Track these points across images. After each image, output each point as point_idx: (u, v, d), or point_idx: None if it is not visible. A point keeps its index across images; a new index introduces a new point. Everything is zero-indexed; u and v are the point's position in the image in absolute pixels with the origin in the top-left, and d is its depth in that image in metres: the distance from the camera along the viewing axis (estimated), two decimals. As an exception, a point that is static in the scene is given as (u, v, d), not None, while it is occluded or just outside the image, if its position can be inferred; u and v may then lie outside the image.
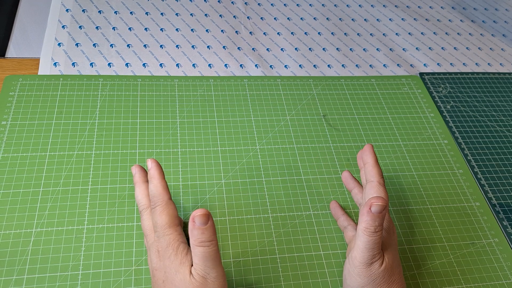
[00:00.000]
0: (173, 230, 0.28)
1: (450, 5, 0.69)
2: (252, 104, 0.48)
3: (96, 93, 0.45)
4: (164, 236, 0.28)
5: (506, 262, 0.39)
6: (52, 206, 0.37)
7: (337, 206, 0.39)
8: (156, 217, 0.28)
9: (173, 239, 0.28)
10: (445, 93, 0.54)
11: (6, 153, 0.39)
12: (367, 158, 0.33)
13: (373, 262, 0.29)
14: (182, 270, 0.27)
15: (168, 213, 0.28)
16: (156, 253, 0.28)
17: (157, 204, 0.29)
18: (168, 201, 0.29)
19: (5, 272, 0.33)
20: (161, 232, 0.28)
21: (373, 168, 0.33)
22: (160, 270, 0.28)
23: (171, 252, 0.27)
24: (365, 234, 0.29)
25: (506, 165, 0.47)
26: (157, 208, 0.29)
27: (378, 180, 0.32)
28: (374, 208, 0.28)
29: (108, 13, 0.54)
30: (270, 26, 0.58)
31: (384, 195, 0.31)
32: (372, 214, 0.29)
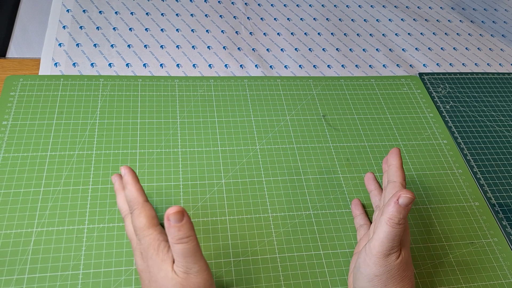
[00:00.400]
0: (152, 230, 0.28)
1: (450, 5, 0.69)
2: (252, 104, 0.48)
3: (97, 93, 0.45)
4: (144, 238, 0.28)
5: (505, 261, 0.39)
6: (53, 206, 0.37)
7: (358, 203, 0.40)
8: (135, 220, 0.29)
9: (153, 239, 0.28)
10: (444, 93, 0.54)
11: (7, 153, 0.39)
12: (393, 160, 0.34)
13: (391, 254, 0.30)
14: (164, 268, 0.27)
15: (145, 214, 0.29)
16: (139, 256, 0.29)
17: (134, 208, 0.29)
18: (143, 203, 0.29)
19: (6, 271, 0.33)
20: (141, 234, 0.28)
21: (398, 170, 0.33)
22: (145, 271, 0.28)
23: (152, 252, 0.28)
24: (388, 224, 0.29)
25: (505, 165, 0.47)
26: (135, 212, 0.29)
27: (401, 182, 0.32)
28: (402, 200, 0.29)
29: (109, 14, 0.54)
30: (270, 27, 0.59)
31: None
32: (399, 205, 0.29)
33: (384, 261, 0.29)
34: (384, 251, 0.29)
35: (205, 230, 0.37)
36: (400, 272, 0.30)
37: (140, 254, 0.29)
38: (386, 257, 0.29)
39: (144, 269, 0.28)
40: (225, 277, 0.35)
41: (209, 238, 0.37)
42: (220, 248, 0.36)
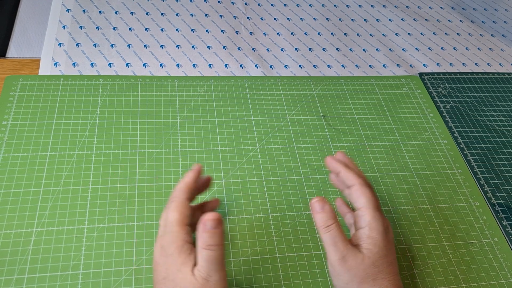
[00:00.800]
0: (181, 228, 0.28)
1: (450, 5, 0.69)
2: (252, 104, 0.48)
3: (97, 93, 0.45)
4: (171, 232, 0.28)
5: (505, 261, 0.39)
6: (52, 206, 0.37)
7: (343, 202, 0.39)
8: (169, 212, 0.29)
9: (179, 238, 0.28)
10: (444, 93, 0.54)
11: (7, 153, 0.39)
12: (336, 168, 0.34)
13: (345, 257, 0.29)
14: (184, 270, 0.27)
15: (180, 210, 0.29)
16: (159, 248, 0.28)
17: (173, 200, 0.29)
18: (184, 201, 0.29)
19: (6, 271, 0.33)
20: (169, 228, 0.28)
21: (347, 173, 0.33)
22: (161, 265, 0.28)
23: (174, 250, 0.27)
24: (321, 232, 0.30)
25: (505, 165, 0.47)
26: (172, 204, 0.29)
27: (359, 182, 0.32)
28: (316, 207, 0.30)
29: (109, 13, 0.54)
30: (270, 27, 0.59)
31: (369, 195, 0.31)
32: (317, 212, 0.30)
33: (344, 267, 0.29)
34: (335, 257, 0.29)
35: (205, 230, 0.37)
36: (368, 274, 0.29)
37: (160, 247, 0.28)
38: (343, 261, 0.29)
39: (161, 264, 0.28)
40: (225, 277, 0.35)
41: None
42: (220, 248, 0.36)
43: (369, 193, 0.32)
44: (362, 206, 0.31)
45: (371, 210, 0.31)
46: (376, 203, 0.31)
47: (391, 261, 0.31)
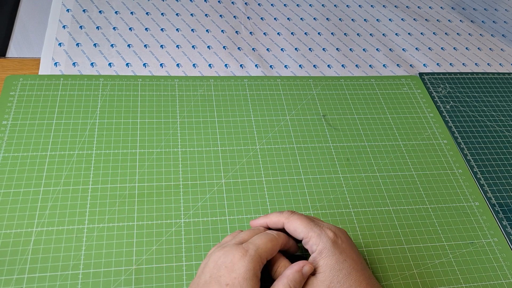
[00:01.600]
0: (266, 256, 0.29)
1: (450, 5, 0.69)
2: (252, 104, 0.48)
3: (97, 93, 0.45)
4: (257, 251, 0.29)
5: (505, 261, 0.39)
6: (52, 206, 0.37)
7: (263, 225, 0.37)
8: (263, 237, 0.30)
9: (260, 263, 0.28)
10: (444, 93, 0.54)
11: (6, 153, 0.39)
12: (259, 224, 0.34)
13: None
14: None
15: (274, 246, 0.30)
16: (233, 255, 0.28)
17: (273, 233, 0.30)
18: (279, 243, 0.31)
19: (6, 271, 0.33)
20: (256, 246, 0.29)
21: (268, 219, 0.33)
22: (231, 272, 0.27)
23: (251, 268, 0.28)
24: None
25: (505, 165, 0.47)
26: (271, 235, 0.30)
27: (283, 221, 0.32)
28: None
29: (109, 13, 0.54)
30: (270, 26, 0.59)
31: (297, 223, 0.31)
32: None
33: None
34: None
35: (205, 230, 0.37)
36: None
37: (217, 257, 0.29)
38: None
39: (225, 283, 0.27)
40: (225, 277, 0.35)
41: (209, 238, 0.37)
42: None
43: (294, 222, 0.31)
44: (301, 235, 0.31)
45: (305, 234, 0.31)
46: (307, 222, 0.31)
47: (348, 273, 0.29)
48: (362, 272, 0.30)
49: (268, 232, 0.31)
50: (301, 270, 0.29)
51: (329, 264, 0.29)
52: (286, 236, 0.32)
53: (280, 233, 0.31)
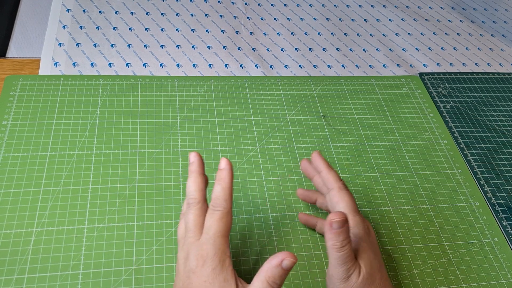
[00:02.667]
0: (225, 241, 0.28)
1: (450, 5, 0.69)
2: (252, 104, 0.48)
3: (97, 93, 0.45)
4: (214, 244, 0.27)
5: (505, 261, 0.39)
6: (52, 206, 0.37)
7: (307, 217, 0.38)
8: (213, 220, 0.28)
9: (223, 251, 0.27)
10: (444, 93, 0.54)
11: (6, 153, 0.39)
12: (320, 167, 0.33)
13: (350, 275, 0.29)
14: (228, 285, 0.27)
15: (226, 221, 0.28)
16: (197, 257, 0.27)
17: (219, 209, 0.28)
18: (230, 210, 0.29)
19: (6, 271, 0.33)
20: (212, 238, 0.27)
21: (328, 175, 0.33)
22: (199, 276, 0.27)
23: (218, 264, 0.27)
24: (333, 250, 0.29)
25: (505, 165, 0.47)
26: (218, 212, 0.28)
27: (338, 186, 0.32)
28: (335, 225, 0.28)
29: (109, 13, 0.54)
30: (270, 26, 0.59)
31: (347, 199, 0.31)
32: (335, 231, 0.28)
33: (347, 285, 0.29)
34: (342, 275, 0.29)
35: (205, 230, 0.37)
36: (366, 287, 0.29)
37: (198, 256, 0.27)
38: (347, 280, 0.29)
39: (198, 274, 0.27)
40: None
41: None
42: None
43: (347, 196, 0.31)
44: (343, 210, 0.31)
45: (351, 215, 0.31)
46: (354, 207, 0.31)
47: (379, 266, 0.30)
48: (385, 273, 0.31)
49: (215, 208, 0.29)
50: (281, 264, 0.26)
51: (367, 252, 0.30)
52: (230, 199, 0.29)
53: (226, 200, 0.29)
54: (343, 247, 0.28)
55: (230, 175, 0.29)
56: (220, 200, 0.29)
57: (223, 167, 0.30)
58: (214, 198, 0.29)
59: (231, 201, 0.29)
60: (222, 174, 0.29)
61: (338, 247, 0.28)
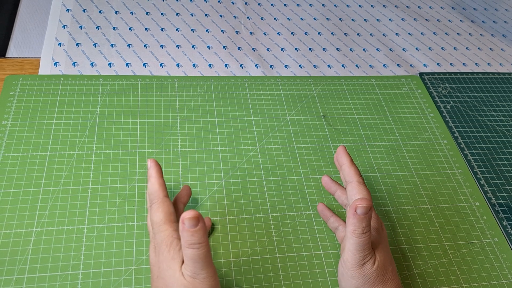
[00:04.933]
0: (168, 226, 0.28)
1: (450, 5, 0.69)
2: (252, 104, 0.48)
3: (97, 93, 0.45)
4: (159, 233, 0.28)
5: (506, 262, 0.39)
6: (52, 206, 0.37)
7: (324, 208, 0.39)
8: (153, 214, 0.29)
9: (167, 236, 0.28)
10: (444, 93, 0.54)
11: (6, 152, 0.39)
12: (342, 160, 0.34)
13: (365, 263, 0.29)
14: (173, 266, 0.27)
15: (163, 210, 0.29)
16: (153, 250, 0.29)
17: (153, 202, 0.30)
18: (163, 198, 0.30)
19: (6, 271, 0.33)
20: (156, 229, 0.29)
21: (350, 169, 0.33)
22: (155, 265, 0.29)
23: (164, 248, 0.28)
24: (354, 236, 0.29)
25: (505, 165, 0.47)
26: (153, 205, 0.30)
27: (357, 180, 0.32)
28: (360, 210, 0.29)
29: (109, 13, 0.54)
30: (270, 26, 0.59)
31: (365, 193, 0.32)
32: (359, 216, 0.29)
33: (361, 271, 0.29)
34: (358, 261, 0.29)
35: (205, 230, 0.37)
36: (379, 278, 0.30)
37: (153, 248, 0.29)
38: (362, 267, 0.29)
39: (154, 264, 0.29)
40: (225, 277, 0.35)
41: (209, 238, 0.37)
42: (220, 248, 0.36)
43: (365, 191, 0.32)
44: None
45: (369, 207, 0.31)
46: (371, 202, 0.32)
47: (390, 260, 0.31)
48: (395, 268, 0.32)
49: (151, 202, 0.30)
50: (183, 226, 0.26)
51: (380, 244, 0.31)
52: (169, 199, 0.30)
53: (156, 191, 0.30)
54: (364, 234, 0.29)
55: (156, 169, 0.31)
56: (152, 195, 0.30)
57: (148, 166, 0.32)
58: (148, 195, 0.31)
59: (163, 190, 0.30)
60: (149, 172, 0.32)
61: (359, 233, 0.29)
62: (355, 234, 0.29)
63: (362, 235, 0.29)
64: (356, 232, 0.29)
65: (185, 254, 0.26)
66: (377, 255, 0.30)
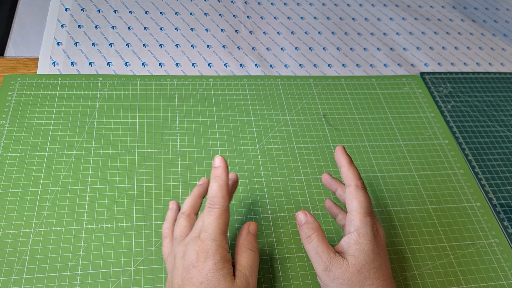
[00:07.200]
0: (223, 237, 0.28)
1: (451, 4, 0.68)
2: (252, 104, 0.47)
3: (95, 92, 0.45)
4: (214, 241, 0.28)
5: (507, 262, 0.39)
6: (51, 206, 0.36)
7: (332, 204, 0.38)
8: (212, 218, 0.28)
9: (222, 247, 0.28)
10: (445, 93, 0.54)
11: (4, 152, 0.39)
12: (341, 161, 0.33)
13: (328, 266, 0.29)
14: (226, 281, 0.27)
15: (225, 219, 0.29)
16: (198, 252, 0.28)
17: (217, 206, 0.29)
18: (227, 208, 0.29)
19: (4, 272, 0.33)
20: (211, 235, 0.28)
21: (348, 171, 0.32)
22: (201, 270, 0.27)
23: (219, 260, 0.28)
24: (304, 244, 0.31)
25: (506, 165, 0.47)
26: (216, 210, 0.28)
27: (355, 184, 0.31)
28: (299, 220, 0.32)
29: (107, 12, 0.54)
30: (270, 25, 0.58)
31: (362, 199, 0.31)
32: (300, 225, 0.32)
33: (329, 276, 0.29)
34: (319, 267, 0.30)
35: (204, 231, 0.37)
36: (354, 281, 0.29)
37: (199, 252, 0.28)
38: (328, 272, 0.29)
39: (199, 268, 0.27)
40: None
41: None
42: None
43: (362, 196, 0.31)
44: (353, 209, 0.31)
45: (361, 215, 0.30)
46: (368, 208, 0.31)
47: (379, 266, 0.30)
48: (389, 270, 0.31)
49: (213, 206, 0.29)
50: (249, 231, 0.31)
51: (364, 250, 0.30)
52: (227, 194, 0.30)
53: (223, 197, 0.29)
54: (309, 237, 0.31)
55: (226, 173, 0.30)
56: (218, 198, 0.29)
57: (217, 165, 0.30)
58: (211, 196, 0.29)
59: (228, 198, 0.29)
60: (217, 171, 0.30)
61: (305, 238, 0.31)
62: (303, 240, 0.31)
63: (308, 239, 0.31)
64: (302, 238, 0.31)
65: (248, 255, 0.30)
66: (350, 260, 0.29)
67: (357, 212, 0.31)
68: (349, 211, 0.31)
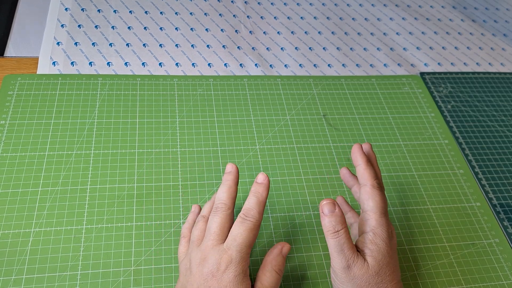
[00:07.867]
0: (248, 251, 0.28)
1: (451, 4, 0.68)
2: (252, 104, 0.47)
3: (95, 92, 0.45)
4: (240, 252, 0.28)
5: (507, 262, 0.39)
6: (51, 206, 0.36)
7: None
8: (244, 229, 0.28)
9: (245, 261, 0.28)
10: (445, 93, 0.54)
11: (4, 152, 0.39)
12: (357, 161, 0.32)
13: (350, 265, 0.28)
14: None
15: (255, 234, 0.29)
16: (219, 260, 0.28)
17: (251, 220, 0.29)
18: (259, 225, 0.29)
19: (4, 272, 0.33)
20: (239, 246, 0.28)
21: (364, 171, 0.31)
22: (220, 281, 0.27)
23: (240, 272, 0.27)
24: (328, 237, 0.29)
25: (506, 165, 0.47)
26: (249, 223, 0.28)
27: (371, 184, 0.31)
28: (325, 210, 0.29)
29: (107, 12, 0.54)
30: (270, 25, 0.58)
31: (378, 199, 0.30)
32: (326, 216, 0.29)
33: (348, 275, 0.28)
34: (341, 265, 0.28)
35: (204, 231, 0.37)
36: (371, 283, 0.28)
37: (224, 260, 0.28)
38: (348, 270, 0.28)
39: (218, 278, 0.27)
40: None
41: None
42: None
43: (378, 196, 0.30)
44: (369, 209, 0.30)
45: (377, 215, 0.30)
46: (384, 208, 0.31)
47: (393, 269, 0.30)
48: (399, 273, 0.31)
49: (247, 218, 0.29)
50: (281, 252, 0.30)
51: (381, 251, 0.29)
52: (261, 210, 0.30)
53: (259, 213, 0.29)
54: (337, 232, 0.28)
55: (267, 190, 0.30)
56: (254, 212, 0.29)
57: (261, 181, 0.30)
58: (247, 209, 0.29)
59: (262, 215, 0.30)
60: (260, 188, 0.30)
61: (333, 233, 0.28)
62: (330, 235, 0.29)
63: (336, 234, 0.28)
64: (330, 232, 0.29)
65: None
66: (370, 261, 0.29)
67: (373, 212, 0.30)
68: (364, 210, 0.31)
